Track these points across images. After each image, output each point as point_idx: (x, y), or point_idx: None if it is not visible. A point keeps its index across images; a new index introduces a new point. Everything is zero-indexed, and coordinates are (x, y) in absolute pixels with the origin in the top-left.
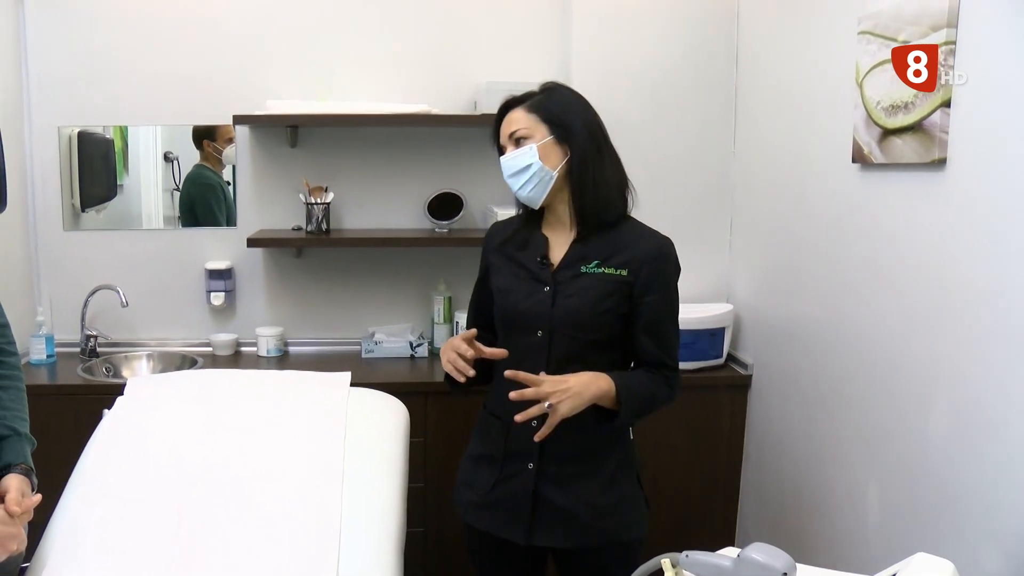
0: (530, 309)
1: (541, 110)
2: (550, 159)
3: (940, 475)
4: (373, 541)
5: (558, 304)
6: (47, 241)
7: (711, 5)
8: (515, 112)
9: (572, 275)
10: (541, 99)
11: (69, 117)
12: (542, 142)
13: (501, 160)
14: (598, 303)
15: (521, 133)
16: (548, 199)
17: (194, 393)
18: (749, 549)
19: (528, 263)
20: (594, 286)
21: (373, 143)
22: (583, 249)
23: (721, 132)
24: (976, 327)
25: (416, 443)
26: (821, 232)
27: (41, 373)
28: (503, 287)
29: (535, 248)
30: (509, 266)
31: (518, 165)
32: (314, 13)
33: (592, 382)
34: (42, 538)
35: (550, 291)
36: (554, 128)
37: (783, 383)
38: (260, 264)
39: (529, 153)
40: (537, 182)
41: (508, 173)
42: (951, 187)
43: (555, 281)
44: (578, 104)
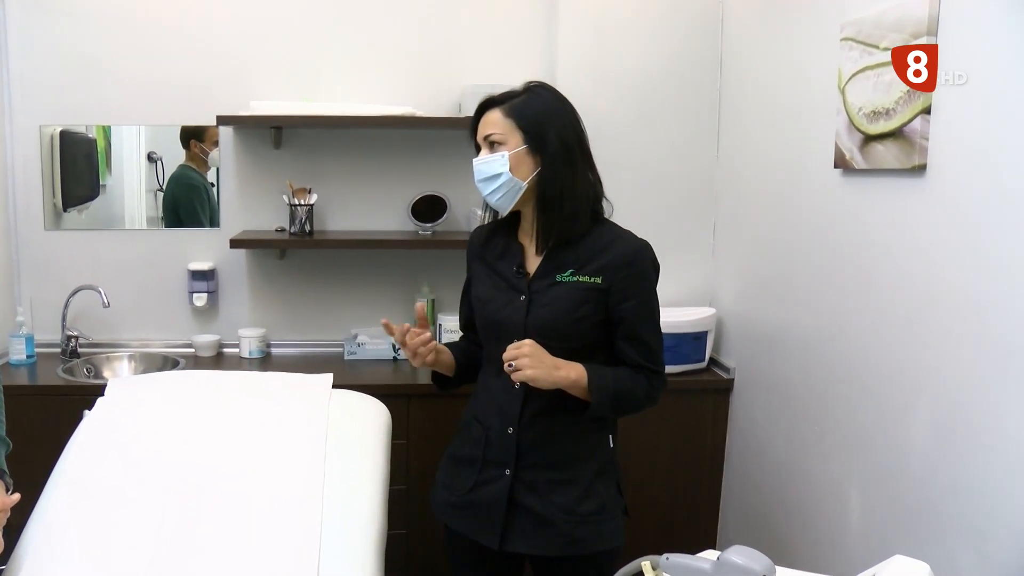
0: (506, 319)
1: (517, 116)
2: (520, 169)
3: (920, 479)
4: (354, 542)
5: (533, 313)
6: (28, 241)
7: (696, 12)
8: (492, 113)
9: (547, 284)
10: (519, 103)
11: (51, 116)
12: (515, 151)
13: (473, 163)
14: (572, 311)
15: (495, 138)
16: (518, 206)
17: (176, 394)
18: (729, 552)
19: (505, 272)
20: (568, 295)
21: (357, 145)
22: (558, 258)
23: (705, 137)
24: (957, 332)
25: (398, 445)
26: (804, 237)
27: (21, 373)
28: (482, 297)
29: (512, 257)
30: (489, 276)
31: (488, 172)
32: (299, 14)
33: (563, 367)
34: (19, 540)
35: (525, 300)
36: (528, 137)
37: (765, 387)
38: (243, 265)
39: (500, 162)
40: (506, 192)
41: (479, 178)
42: (932, 193)
43: (530, 291)
44: (557, 110)
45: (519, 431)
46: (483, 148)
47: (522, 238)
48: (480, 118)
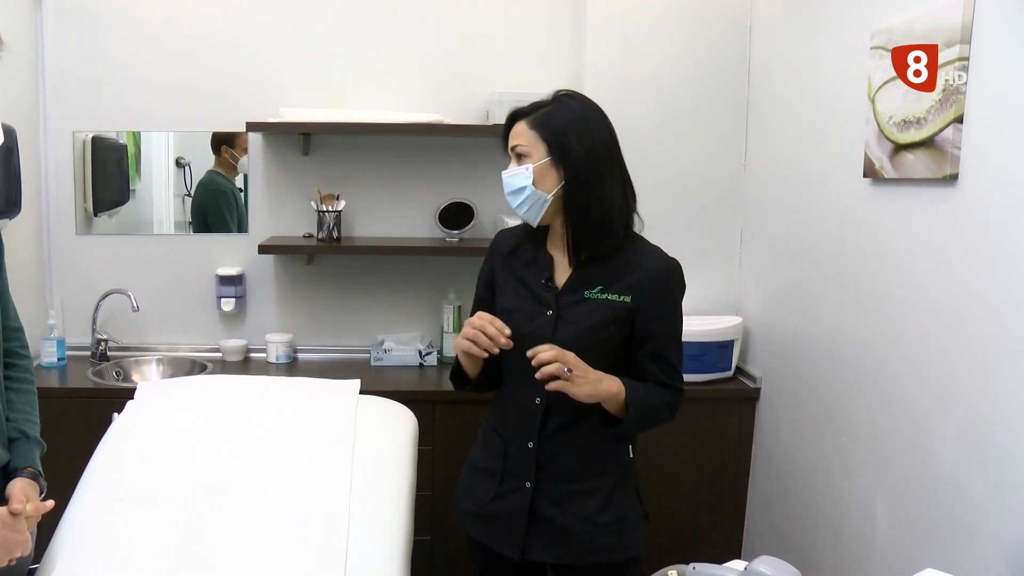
0: (533, 332)
1: (542, 128)
2: (545, 182)
3: (949, 491)
4: (380, 549)
5: (560, 329)
6: (60, 245)
7: (723, 19)
8: (519, 125)
9: (575, 300)
10: (545, 113)
11: (83, 122)
12: (539, 163)
13: (501, 175)
14: (600, 330)
15: (521, 150)
16: (546, 219)
17: (203, 398)
18: (756, 562)
19: (532, 283)
20: (596, 312)
21: (385, 152)
22: (587, 273)
23: (732, 145)
24: (986, 343)
25: (424, 451)
26: (832, 246)
27: (52, 376)
28: (508, 307)
29: (540, 268)
30: (514, 285)
31: (514, 185)
32: (328, 22)
33: (605, 380)
34: (51, 540)
35: (553, 315)
36: (552, 149)
37: (792, 397)
38: (271, 271)
39: (524, 175)
40: (531, 204)
41: (506, 191)
42: (962, 203)
43: (558, 306)
44: (584, 121)
45: (539, 445)
46: (512, 160)
47: (551, 249)
48: (509, 129)
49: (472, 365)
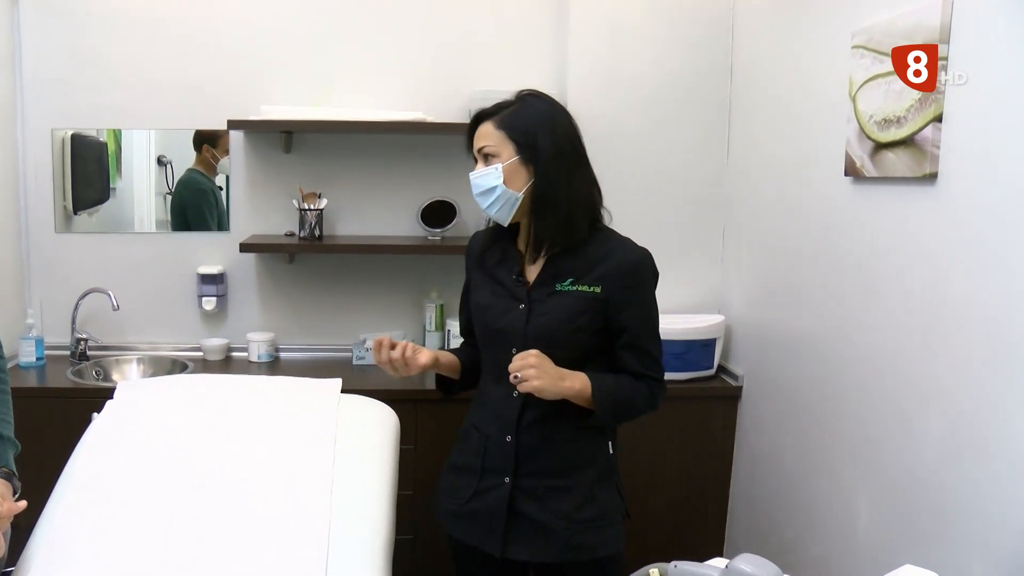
0: (506, 327)
1: (509, 127)
2: (515, 181)
3: (930, 488)
4: (361, 547)
5: (532, 322)
6: (39, 243)
7: (707, 18)
8: (485, 126)
9: (547, 293)
10: (511, 113)
11: (63, 119)
12: (508, 162)
13: (469, 177)
14: (571, 320)
15: (488, 150)
16: (516, 218)
17: (184, 398)
18: (737, 560)
19: (505, 279)
20: (568, 304)
21: (367, 150)
22: (557, 266)
23: (715, 144)
24: (967, 341)
25: (406, 450)
26: (813, 244)
27: (30, 376)
28: (482, 303)
29: (511, 264)
30: (488, 283)
31: (484, 185)
32: (310, 20)
33: (568, 377)
34: (28, 541)
35: (525, 309)
36: (520, 148)
37: (774, 395)
38: (252, 269)
39: (494, 175)
40: (502, 204)
41: (475, 192)
42: (942, 201)
43: (530, 299)
44: (551, 119)
45: (517, 439)
46: (479, 161)
47: (521, 245)
48: (474, 131)
49: (448, 369)
